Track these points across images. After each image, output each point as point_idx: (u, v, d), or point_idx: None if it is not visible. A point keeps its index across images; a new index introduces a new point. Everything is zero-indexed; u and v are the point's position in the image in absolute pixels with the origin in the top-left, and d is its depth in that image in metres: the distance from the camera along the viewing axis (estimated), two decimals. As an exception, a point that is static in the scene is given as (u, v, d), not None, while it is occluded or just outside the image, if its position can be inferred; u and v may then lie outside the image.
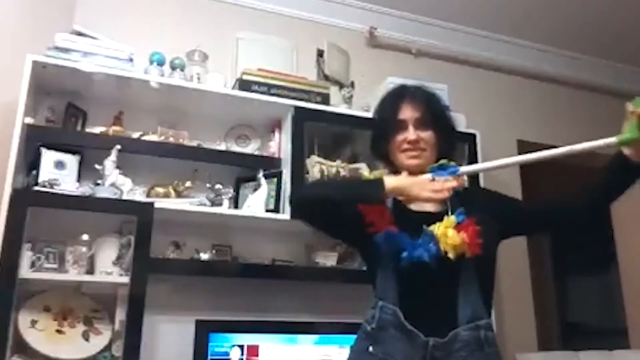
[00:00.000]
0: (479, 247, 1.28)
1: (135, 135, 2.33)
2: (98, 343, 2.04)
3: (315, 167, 2.46)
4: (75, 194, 2.08)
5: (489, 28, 3.32)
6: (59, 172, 2.11)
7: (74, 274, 2.06)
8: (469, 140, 2.77)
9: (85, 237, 2.12)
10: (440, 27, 3.27)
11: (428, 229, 1.30)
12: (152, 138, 2.34)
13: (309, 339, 2.28)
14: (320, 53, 2.78)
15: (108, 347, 2.04)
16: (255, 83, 2.46)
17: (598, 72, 3.68)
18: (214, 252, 2.36)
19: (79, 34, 2.26)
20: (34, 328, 1.97)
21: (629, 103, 1.28)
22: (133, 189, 2.22)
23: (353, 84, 2.78)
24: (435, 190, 1.31)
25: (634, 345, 3.32)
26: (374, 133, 1.50)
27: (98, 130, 2.29)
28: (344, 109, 2.63)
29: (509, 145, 3.34)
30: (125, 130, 2.32)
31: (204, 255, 2.30)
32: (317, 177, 2.43)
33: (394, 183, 1.33)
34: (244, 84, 2.45)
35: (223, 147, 2.51)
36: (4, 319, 1.84)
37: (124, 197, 2.14)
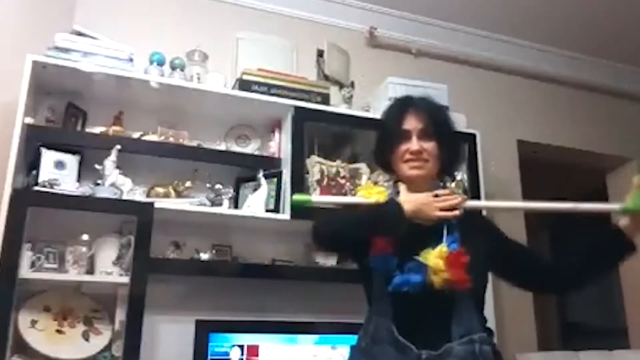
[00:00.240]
0: (468, 282, 1.29)
1: (135, 135, 2.33)
2: (98, 343, 2.04)
3: (315, 167, 2.46)
4: (75, 194, 2.08)
5: (489, 28, 3.33)
6: (59, 172, 2.11)
7: (74, 274, 2.06)
8: (469, 140, 2.77)
9: (85, 237, 2.12)
10: (440, 27, 3.27)
11: (415, 258, 1.31)
12: (152, 138, 2.34)
13: (309, 339, 2.28)
14: (320, 53, 2.78)
15: (108, 347, 2.04)
16: (255, 83, 2.46)
17: (598, 72, 3.68)
18: (214, 252, 2.36)
19: (79, 34, 2.26)
20: (34, 328, 1.96)
21: (636, 177, 1.34)
22: (133, 189, 2.22)
23: (353, 84, 2.78)
24: (443, 209, 1.34)
25: (634, 345, 3.32)
26: (378, 142, 1.50)
27: (98, 130, 2.29)
28: (344, 109, 2.63)
29: (509, 145, 3.34)
30: (125, 130, 2.31)
31: (204, 255, 2.30)
32: (317, 177, 2.43)
33: (409, 207, 1.34)
34: (244, 84, 2.45)
35: (223, 147, 2.51)
36: (4, 319, 1.84)
37: (124, 197, 2.14)
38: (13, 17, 2.11)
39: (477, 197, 2.56)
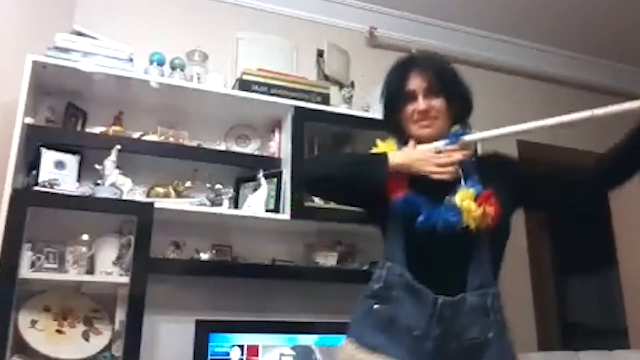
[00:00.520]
0: (498, 219, 1.27)
1: (135, 135, 2.33)
2: (98, 343, 2.04)
3: (315, 167, 2.46)
4: (75, 194, 2.08)
5: (489, 28, 3.33)
6: (59, 172, 2.11)
7: (74, 274, 2.06)
8: (469, 140, 2.77)
9: (85, 237, 2.12)
10: (440, 27, 3.27)
11: (450, 199, 1.27)
12: (152, 138, 2.34)
13: (309, 339, 2.28)
14: (320, 53, 2.78)
15: (108, 347, 2.04)
16: (255, 83, 2.46)
17: (598, 72, 3.68)
18: (214, 252, 2.36)
19: (79, 34, 2.26)
20: (34, 328, 1.97)
21: None
22: (133, 189, 2.22)
23: (353, 84, 2.78)
24: (440, 165, 1.31)
25: (634, 345, 3.31)
26: (384, 106, 1.47)
27: (98, 130, 2.29)
28: (344, 109, 2.63)
29: (509, 145, 3.34)
30: (125, 130, 2.32)
31: (204, 255, 2.30)
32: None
33: (398, 160, 1.32)
34: (244, 84, 2.45)
35: (223, 147, 2.51)
36: (4, 319, 1.84)
37: (124, 197, 2.14)
38: (13, 17, 2.11)
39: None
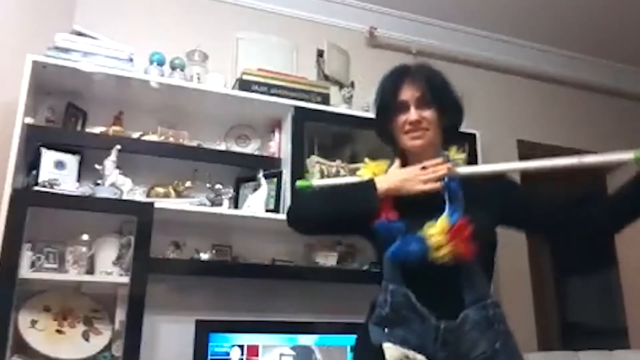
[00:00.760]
0: (470, 254, 1.26)
1: (135, 135, 2.33)
2: (98, 343, 2.04)
3: (315, 167, 2.46)
4: (75, 194, 2.08)
5: (489, 28, 3.32)
6: (59, 172, 2.11)
7: (74, 274, 2.06)
8: (469, 140, 2.77)
9: (85, 237, 2.12)
10: (440, 27, 3.26)
11: (425, 228, 1.27)
12: (152, 138, 2.34)
13: (309, 339, 2.28)
14: (320, 53, 2.78)
15: (108, 347, 2.04)
16: (255, 83, 2.46)
17: (598, 72, 3.67)
18: (214, 252, 2.36)
19: (79, 34, 2.26)
20: (34, 328, 1.97)
21: None
22: (133, 189, 2.22)
23: (353, 84, 2.78)
24: (427, 180, 1.32)
25: (634, 345, 3.31)
26: (377, 117, 1.48)
27: (98, 130, 2.29)
28: (344, 109, 2.63)
29: (509, 145, 3.34)
30: (125, 130, 2.31)
31: (204, 255, 2.30)
32: (317, 177, 2.43)
33: (386, 185, 1.33)
34: (244, 84, 2.45)
35: (223, 147, 2.51)
36: (4, 319, 1.84)
37: (124, 197, 2.14)
38: (13, 17, 2.11)
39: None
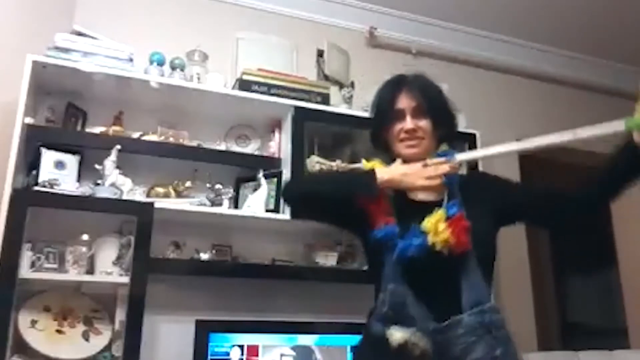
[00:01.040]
0: (466, 244, 1.27)
1: (135, 135, 2.33)
2: (98, 343, 2.04)
3: (315, 167, 2.46)
4: (75, 194, 2.08)
5: (489, 28, 3.33)
6: (59, 172, 2.11)
7: (74, 274, 2.06)
8: (469, 140, 2.77)
9: (85, 237, 2.12)
10: (440, 27, 3.27)
11: (418, 223, 1.29)
12: (152, 138, 2.34)
13: (309, 339, 2.28)
14: (320, 53, 2.77)
15: (108, 347, 2.04)
16: (255, 83, 2.46)
17: (598, 72, 3.68)
18: (214, 252, 2.36)
19: (79, 34, 2.26)
20: (34, 328, 1.97)
21: None
22: (133, 189, 2.22)
23: (353, 84, 2.78)
24: (429, 177, 1.33)
25: (634, 345, 3.31)
26: (373, 124, 1.50)
27: (98, 130, 2.29)
28: (344, 109, 2.63)
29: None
30: (125, 130, 2.31)
31: (204, 255, 2.30)
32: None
33: (387, 175, 1.34)
34: (244, 84, 2.45)
35: (223, 147, 2.51)
36: (4, 319, 1.84)
37: (124, 197, 2.14)
38: (13, 17, 2.11)
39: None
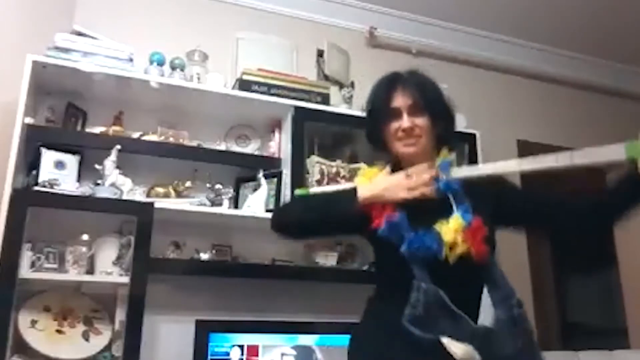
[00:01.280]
0: (486, 254, 1.28)
1: (135, 135, 2.33)
2: (98, 343, 2.04)
3: (315, 167, 2.46)
4: (75, 194, 2.08)
5: (489, 28, 3.33)
6: (59, 172, 2.11)
7: (74, 274, 2.06)
8: (469, 140, 2.77)
9: (85, 237, 2.12)
10: (440, 27, 3.27)
11: (438, 226, 1.28)
12: (152, 138, 2.34)
13: (310, 339, 2.28)
14: (320, 53, 2.78)
15: (108, 347, 2.04)
16: (255, 83, 2.46)
17: (598, 72, 3.68)
18: (214, 252, 2.36)
19: (79, 34, 2.26)
20: (34, 328, 1.97)
21: None
22: (133, 189, 2.22)
23: (353, 84, 2.78)
24: (410, 188, 1.31)
25: (634, 345, 3.31)
26: (369, 122, 1.48)
27: (98, 130, 2.29)
28: (344, 109, 2.63)
29: (509, 145, 3.34)
30: (125, 130, 2.32)
31: (204, 255, 2.30)
32: (317, 177, 2.43)
33: (368, 193, 1.33)
34: (244, 84, 2.45)
35: (223, 147, 2.51)
36: (4, 319, 1.84)
37: (124, 197, 2.14)
38: (13, 17, 2.11)
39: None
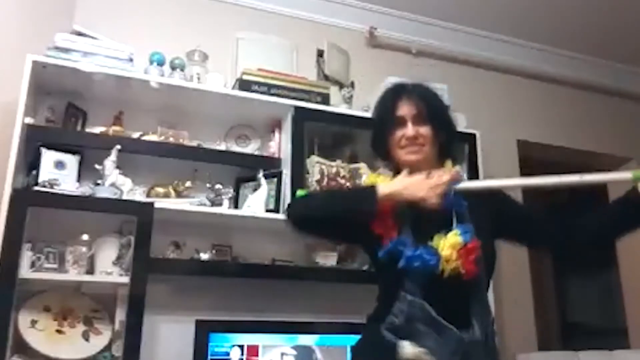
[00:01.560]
0: (476, 274, 1.31)
1: (135, 135, 2.33)
2: (98, 343, 2.04)
3: (315, 167, 2.46)
4: (75, 194, 2.08)
5: (489, 28, 3.32)
6: (59, 172, 2.11)
7: (74, 274, 2.06)
8: (469, 140, 2.77)
9: (85, 237, 2.12)
10: (440, 27, 3.27)
11: (435, 241, 1.31)
12: (152, 138, 2.34)
13: (310, 339, 2.28)
14: (320, 53, 2.77)
15: (108, 347, 2.04)
16: (255, 83, 2.46)
17: (598, 72, 3.68)
18: (214, 252, 2.36)
19: (79, 34, 2.26)
20: (34, 328, 1.96)
21: None
22: (133, 189, 2.22)
23: (353, 84, 2.78)
24: (431, 187, 1.32)
25: (634, 345, 3.32)
26: (374, 131, 1.52)
27: (98, 130, 2.29)
28: (344, 109, 2.63)
29: (509, 145, 3.34)
30: (125, 130, 2.31)
31: (204, 255, 2.30)
32: (317, 177, 2.43)
33: (388, 190, 1.34)
34: (244, 84, 2.45)
35: (223, 147, 2.51)
36: (4, 319, 1.84)
37: (124, 197, 2.14)
38: (13, 17, 2.11)
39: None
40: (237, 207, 2.42)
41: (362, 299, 1.46)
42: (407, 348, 1.24)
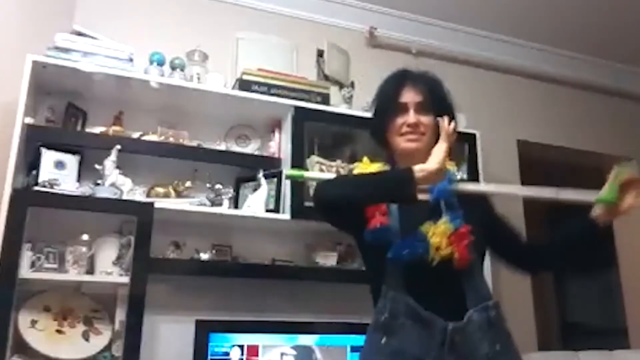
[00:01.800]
0: (468, 260, 1.29)
1: (135, 135, 2.33)
2: (98, 343, 2.04)
3: (315, 167, 2.46)
4: (75, 194, 2.08)
5: (489, 28, 3.33)
6: (59, 172, 2.11)
7: (74, 274, 2.06)
8: (469, 140, 2.77)
9: (85, 237, 2.12)
10: (440, 27, 3.27)
11: (424, 228, 1.29)
12: (152, 138, 2.34)
13: (310, 339, 2.28)
14: (320, 53, 2.77)
15: (108, 347, 2.04)
16: (255, 83, 2.46)
17: (598, 72, 3.68)
18: (214, 252, 2.36)
19: (79, 34, 2.26)
20: (34, 328, 1.97)
21: (615, 168, 1.34)
22: (133, 189, 2.22)
23: (353, 84, 2.78)
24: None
25: (634, 345, 3.32)
26: (375, 115, 1.48)
27: (98, 130, 2.29)
28: (344, 109, 2.63)
29: (509, 145, 3.34)
30: (125, 130, 2.31)
31: (204, 255, 2.30)
32: (317, 177, 2.44)
33: (421, 174, 1.24)
34: (244, 84, 2.45)
35: (223, 147, 2.51)
36: (4, 319, 1.84)
37: (124, 197, 2.14)
38: (13, 17, 2.11)
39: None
40: (237, 207, 2.42)
41: (362, 299, 1.46)
42: None
